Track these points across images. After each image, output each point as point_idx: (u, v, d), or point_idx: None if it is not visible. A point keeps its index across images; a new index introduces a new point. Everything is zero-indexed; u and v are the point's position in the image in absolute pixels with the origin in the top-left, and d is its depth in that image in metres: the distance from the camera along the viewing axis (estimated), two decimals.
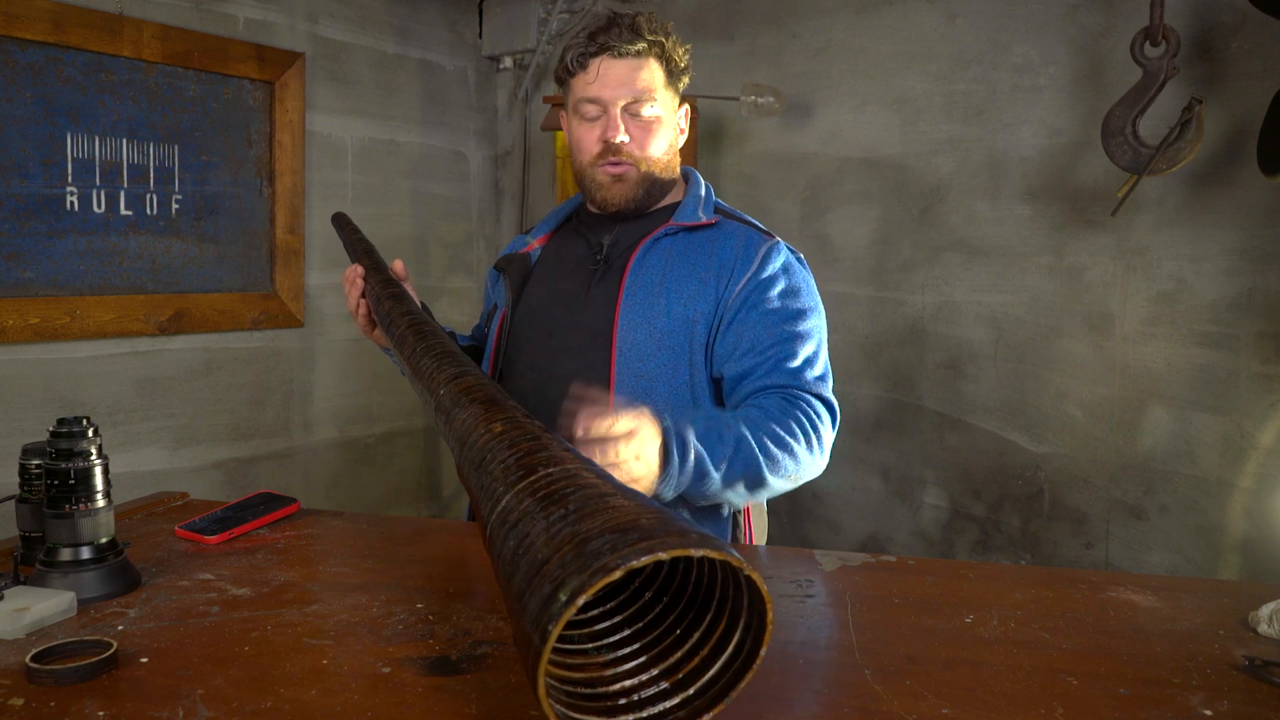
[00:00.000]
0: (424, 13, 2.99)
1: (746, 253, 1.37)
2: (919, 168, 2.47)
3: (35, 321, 2.10)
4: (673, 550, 0.64)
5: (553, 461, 0.80)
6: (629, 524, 0.68)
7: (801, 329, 1.34)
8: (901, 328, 2.52)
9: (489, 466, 0.85)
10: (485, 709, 0.74)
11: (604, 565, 0.62)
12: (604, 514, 0.70)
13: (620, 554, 0.63)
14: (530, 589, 0.67)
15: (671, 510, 0.74)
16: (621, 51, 1.35)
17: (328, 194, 2.71)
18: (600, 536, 0.66)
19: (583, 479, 0.77)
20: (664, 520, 0.69)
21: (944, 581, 1.05)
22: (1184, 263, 2.10)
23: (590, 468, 0.81)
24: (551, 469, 0.78)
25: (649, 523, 0.68)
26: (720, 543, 0.67)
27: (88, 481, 0.98)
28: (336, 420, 2.79)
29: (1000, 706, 0.74)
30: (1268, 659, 0.81)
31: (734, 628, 0.72)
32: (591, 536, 0.67)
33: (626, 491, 0.76)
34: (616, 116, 1.36)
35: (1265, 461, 1.99)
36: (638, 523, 0.68)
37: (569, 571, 0.64)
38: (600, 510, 0.70)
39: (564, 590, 0.63)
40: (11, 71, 2.04)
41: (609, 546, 0.65)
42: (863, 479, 2.60)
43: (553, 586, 0.64)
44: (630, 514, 0.69)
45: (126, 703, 0.74)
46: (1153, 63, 1.94)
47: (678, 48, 1.40)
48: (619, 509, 0.71)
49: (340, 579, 1.05)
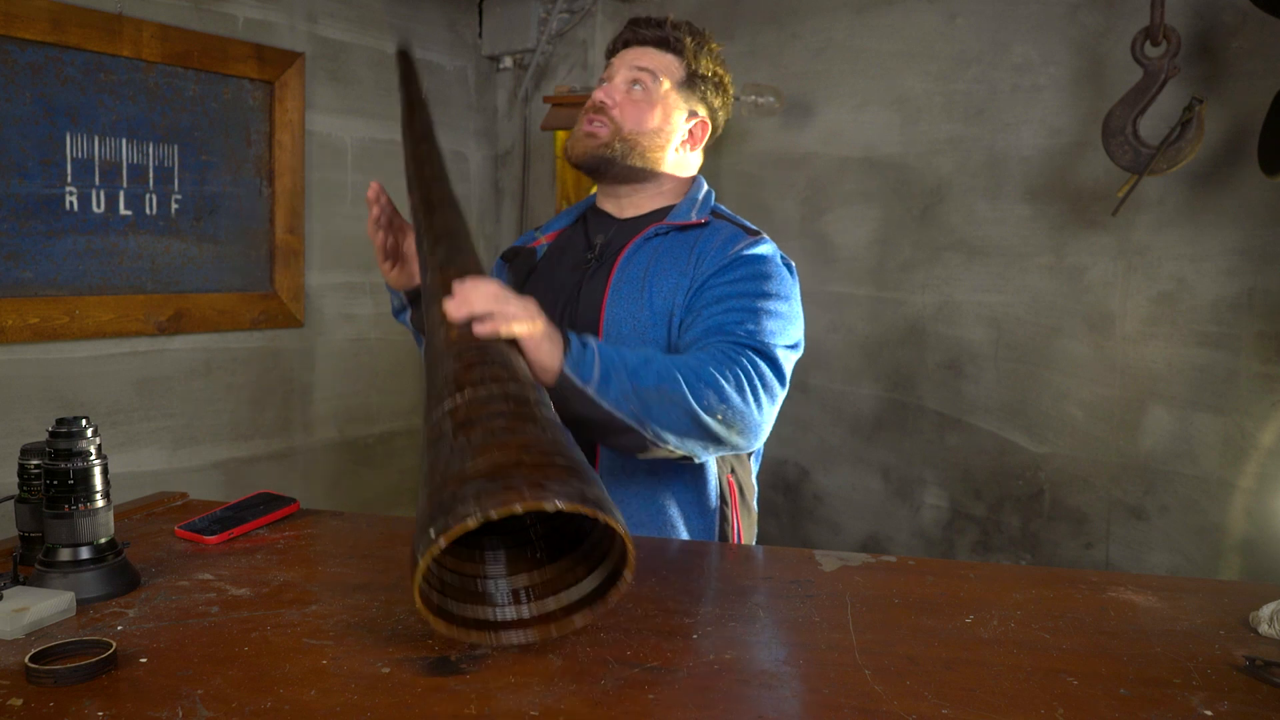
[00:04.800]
0: (424, 13, 2.98)
1: (725, 245, 1.38)
2: (919, 168, 2.47)
3: (35, 321, 2.09)
4: (528, 504, 0.75)
5: (482, 381, 0.91)
6: (509, 467, 0.78)
7: (768, 306, 1.30)
8: (902, 328, 2.52)
9: (434, 375, 0.96)
10: (485, 709, 0.74)
11: (465, 513, 0.75)
12: (493, 451, 0.80)
13: (481, 503, 0.75)
14: (422, 514, 0.80)
15: (567, 445, 0.86)
16: (643, 38, 1.44)
17: (327, 194, 2.71)
18: (476, 480, 0.77)
19: (496, 406, 0.87)
20: (543, 466, 0.79)
21: (944, 581, 1.05)
22: (1184, 263, 2.10)
23: (516, 387, 0.92)
24: (479, 390, 0.89)
25: (526, 470, 0.78)
26: (581, 494, 0.78)
27: (87, 481, 0.98)
28: (336, 420, 2.79)
29: (1000, 706, 0.74)
30: (1268, 659, 0.81)
31: (599, 564, 0.86)
32: (470, 477, 0.78)
33: (536, 419, 0.87)
34: (617, 84, 1.43)
35: (1266, 461, 1.99)
36: (517, 467, 0.78)
37: (442, 510, 0.77)
38: (493, 446, 0.81)
39: (433, 527, 0.76)
40: (11, 71, 2.04)
41: (475, 493, 0.76)
42: (863, 479, 2.60)
43: (428, 520, 0.77)
44: (515, 454, 0.80)
45: (126, 703, 0.74)
46: (1153, 62, 1.94)
47: (704, 59, 1.45)
48: (511, 446, 0.81)
49: (340, 579, 1.05)
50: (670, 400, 1.14)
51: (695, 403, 1.15)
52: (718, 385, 1.17)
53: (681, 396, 1.14)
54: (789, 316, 1.32)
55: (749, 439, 1.23)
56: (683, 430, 1.16)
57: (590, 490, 0.80)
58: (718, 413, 1.17)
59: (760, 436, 1.25)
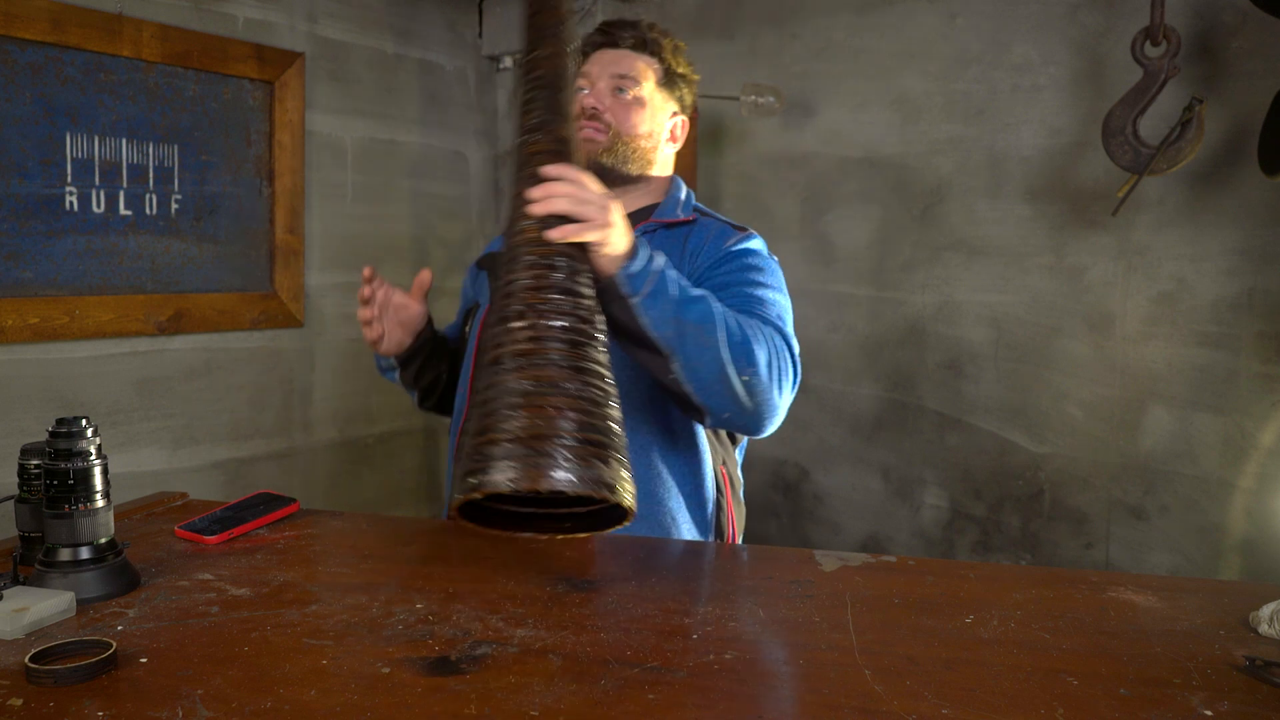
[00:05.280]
0: (424, 13, 2.98)
1: (718, 240, 1.41)
2: (919, 168, 2.47)
3: (35, 321, 2.09)
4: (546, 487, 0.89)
5: (546, 310, 1.01)
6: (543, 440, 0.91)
7: (770, 296, 1.32)
8: (902, 328, 2.52)
9: (507, 269, 1.06)
10: (485, 709, 0.74)
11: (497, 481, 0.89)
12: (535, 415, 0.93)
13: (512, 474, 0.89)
14: (468, 449, 0.94)
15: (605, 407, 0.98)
16: (618, 41, 1.46)
17: (327, 194, 2.71)
18: (515, 444, 0.91)
19: (554, 346, 0.99)
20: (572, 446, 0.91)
21: (944, 581, 1.05)
22: (1184, 263, 2.10)
23: (576, 322, 1.02)
24: (541, 320, 1.00)
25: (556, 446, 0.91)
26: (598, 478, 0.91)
27: (87, 481, 0.98)
28: (336, 420, 2.79)
29: (1000, 706, 0.74)
30: (1268, 659, 0.81)
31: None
32: (512, 439, 0.91)
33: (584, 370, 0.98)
34: (601, 89, 1.45)
35: (1266, 461, 1.99)
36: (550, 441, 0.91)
37: (480, 466, 0.91)
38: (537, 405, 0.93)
39: (473, 478, 0.91)
40: (11, 71, 2.04)
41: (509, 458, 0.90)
42: (863, 479, 2.60)
43: (468, 466, 0.92)
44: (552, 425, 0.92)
45: (126, 703, 0.74)
46: (1153, 62, 1.94)
47: (679, 59, 1.49)
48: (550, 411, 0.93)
49: (340, 579, 1.05)
50: (705, 344, 1.15)
51: (729, 355, 1.15)
52: (753, 351, 1.18)
53: (716, 344, 1.15)
54: (787, 309, 1.35)
55: (763, 419, 1.23)
56: (708, 379, 1.17)
57: (608, 473, 0.93)
58: (746, 375, 1.17)
59: (774, 421, 1.25)
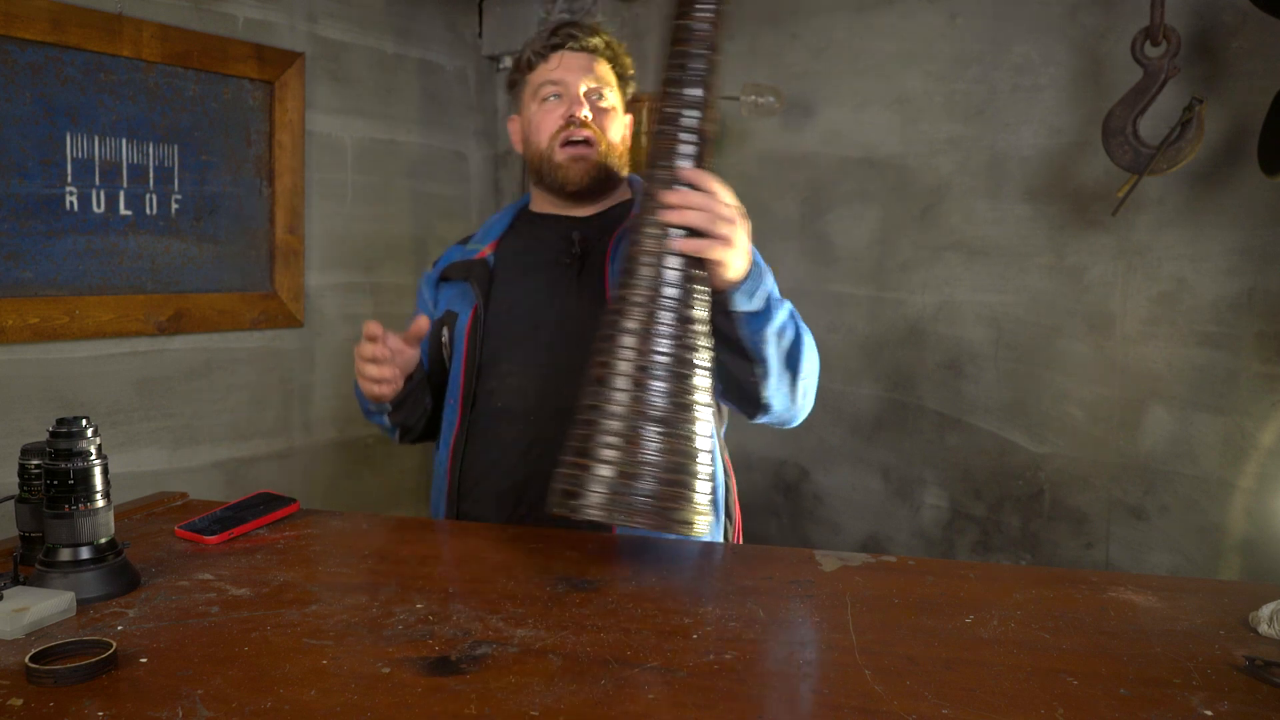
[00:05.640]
0: (424, 12, 2.98)
1: None
2: (919, 168, 2.47)
3: (35, 321, 2.09)
4: (623, 523, 1.02)
5: (662, 331, 1.07)
6: (628, 479, 1.02)
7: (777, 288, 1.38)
8: (901, 328, 2.52)
9: (633, 266, 1.10)
10: (485, 709, 0.74)
11: (581, 508, 1.03)
12: (628, 450, 1.03)
13: (599, 507, 1.02)
14: (569, 454, 1.07)
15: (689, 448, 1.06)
16: (580, 45, 1.47)
17: (327, 194, 2.71)
18: (608, 479, 1.02)
19: (659, 375, 1.06)
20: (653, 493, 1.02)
21: (944, 581, 1.05)
22: (1184, 263, 2.10)
23: (685, 351, 1.08)
24: (657, 343, 1.07)
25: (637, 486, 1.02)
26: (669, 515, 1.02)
27: (87, 481, 0.98)
28: (336, 420, 2.79)
29: (1000, 706, 0.74)
30: (1268, 659, 0.81)
31: None
32: (604, 462, 1.03)
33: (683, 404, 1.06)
34: (580, 95, 1.46)
35: (1266, 462, 1.99)
36: (635, 481, 1.02)
37: (573, 488, 1.04)
38: (631, 438, 1.03)
39: (573, 499, 1.03)
40: (11, 71, 2.04)
41: (599, 489, 1.02)
42: (863, 479, 2.60)
43: (568, 489, 1.05)
44: (636, 465, 1.02)
45: (126, 703, 0.74)
46: (1153, 62, 1.94)
47: (627, 58, 1.53)
48: (637, 451, 1.03)
49: (340, 579, 1.05)
50: (790, 358, 1.25)
51: (804, 368, 1.27)
52: (814, 360, 1.29)
53: (799, 359, 1.26)
54: None
55: (801, 416, 1.34)
56: (783, 386, 1.27)
57: (688, 511, 1.04)
58: (808, 381, 1.30)
59: (807, 411, 1.36)
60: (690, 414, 1.07)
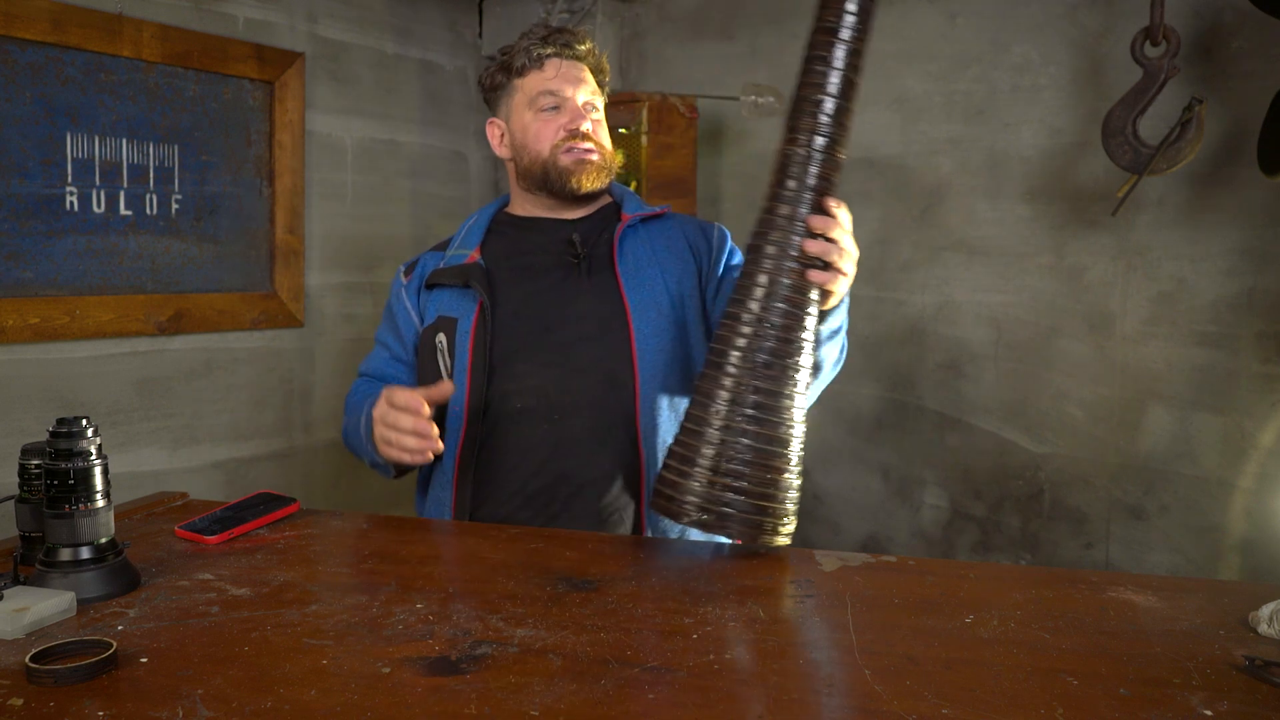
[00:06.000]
0: (424, 12, 2.98)
1: (705, 229, 1.54)
2: (919, 168, 2.47)
3: (35, 321, 2.09)
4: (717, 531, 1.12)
5: (771, 361, 1.12)
6: (720, 495, 1.10)
7: None
8: (902, 328, 2.52)
9: (748, 280, 1.15)
10: (485, 709, 0.74)
11: (713, 525, 1.11)
12: (723, 464, 1.10)
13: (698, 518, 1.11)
14: (674, 460, 1.14)
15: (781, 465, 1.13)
16: (574, 54, 1.50)
17: (327, 194, 2.71)
18: (704, 494, 1.10)
19: (756, 402, 1.11)
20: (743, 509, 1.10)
21: (944, 581, 1.05)
22: (1184, 263, 2.10)
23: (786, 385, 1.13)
24: (763, 373, 1.12)
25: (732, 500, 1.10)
26: (759, 527, 1.11)
27: (87, 481, 0.98)
28: (336, 420, 2.79)
29: (1000, 706, 0.74)
30: (1268, 659, 0.81)
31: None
32: (704, 481, 1.11)
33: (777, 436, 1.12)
34: (580, 108, 1.48)
35: (1265, 461, 1.99)
36: (729, 495, 1.10)
37: (677, 495, 1.12)
38: (727, 455, 1.10)
39: (706, 514, 1.11)
40: (11, 71, 2.04)
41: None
42: (863, 479, 2.60)
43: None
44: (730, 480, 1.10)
45: (126, 703, 0.74)
46: (1153, 62, 1.94)
47: (605, 63, 1.57)
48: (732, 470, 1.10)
49: (340, 579, 1.05)
50: (836, 365, 1.37)
51: (838, 368, 1.39)
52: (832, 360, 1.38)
53: (839, 365, 1.38)
54: None
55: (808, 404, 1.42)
56: (818, 387, 1.38)
57: (767, 524, 1.11)
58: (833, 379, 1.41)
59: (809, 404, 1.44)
60: (790, 431, 1.13)
